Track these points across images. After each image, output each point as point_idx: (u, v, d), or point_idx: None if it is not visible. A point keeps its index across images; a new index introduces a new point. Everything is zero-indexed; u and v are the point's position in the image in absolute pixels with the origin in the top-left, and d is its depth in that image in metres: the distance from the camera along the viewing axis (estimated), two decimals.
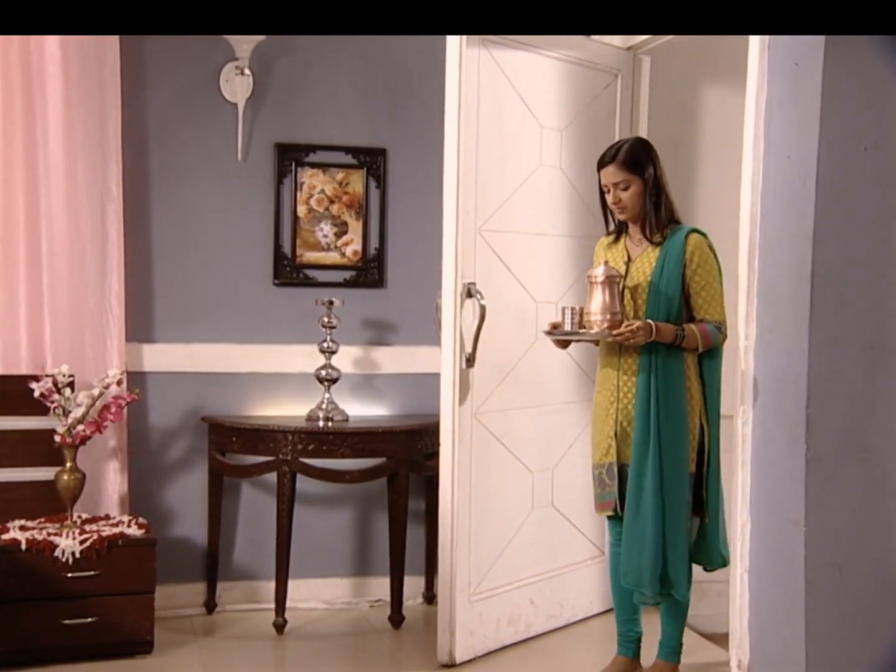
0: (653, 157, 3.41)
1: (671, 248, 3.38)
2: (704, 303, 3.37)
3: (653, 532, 3.32)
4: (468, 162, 3.69)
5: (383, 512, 4.35)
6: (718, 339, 3.38)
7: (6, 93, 4.00)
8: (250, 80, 4.30)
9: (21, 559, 3.69)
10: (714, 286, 3.37)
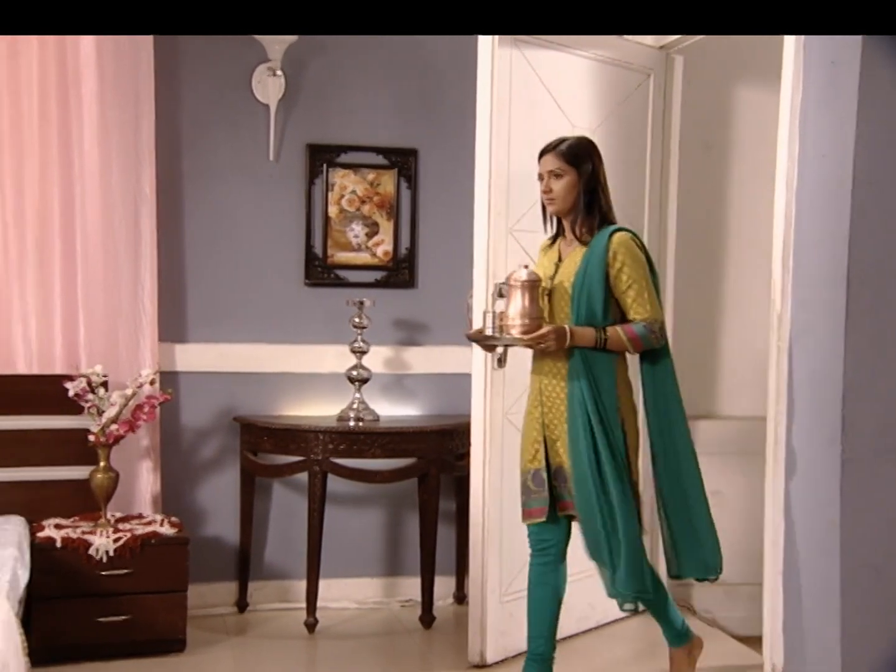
0: (593, 155, 3.26)
1: (595, 248, 3.22)
2: (633, 302, 3.19)
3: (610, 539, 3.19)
4: (499, 162, 3.69)
5: (414, 512, 4.36)
6: (650, 339, 3.19)
7: (42, 94, 4.04)
8: (282, 81, 4.32)
9: (56, 557, 3.73)
10: (641, 284, 3.19)
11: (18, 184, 4.05)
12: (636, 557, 3.18)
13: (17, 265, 4.08)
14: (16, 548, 3.55)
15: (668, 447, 3.28)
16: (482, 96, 3.64)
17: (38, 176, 4.07)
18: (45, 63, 4.04)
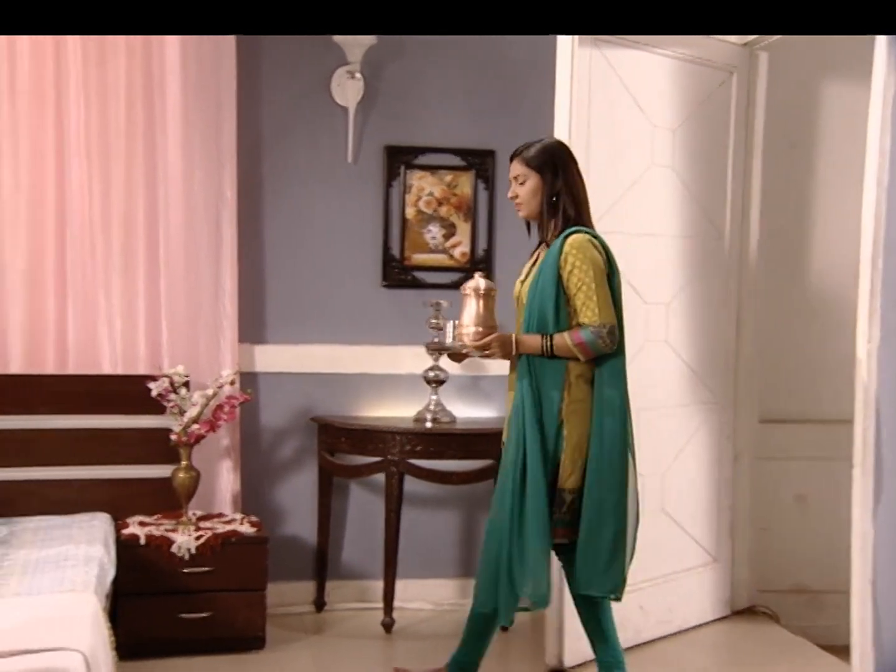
0: (561, 158, 3.19)
1: (550, 252, 3.16)
2: (582, 305, 3.09)
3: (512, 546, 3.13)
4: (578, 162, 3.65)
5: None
6: (598, 345, 3.07)
7: (129, 101, 4.13)
8: (361, 83, 4.35)
9: (140, 554, 3.80)
10: (591, 286, 3.08)
11: (105, 189, 4.14)
12: (536, 567, 3.09)
13: (104, 268, 4.17)
14: (102, 544, 3.63)
15: (598, 455, 3.10)
16: (561, 96, 3.62)
17: (123, 181, 4.15)
18: (131, 71, 4.12)
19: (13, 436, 4.03)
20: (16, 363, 4.12)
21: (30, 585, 3.17)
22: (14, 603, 3.00)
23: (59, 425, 4.07)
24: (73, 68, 4.06)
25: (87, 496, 4.06)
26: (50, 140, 4.08)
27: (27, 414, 4.04)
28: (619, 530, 3.13)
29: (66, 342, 4.17)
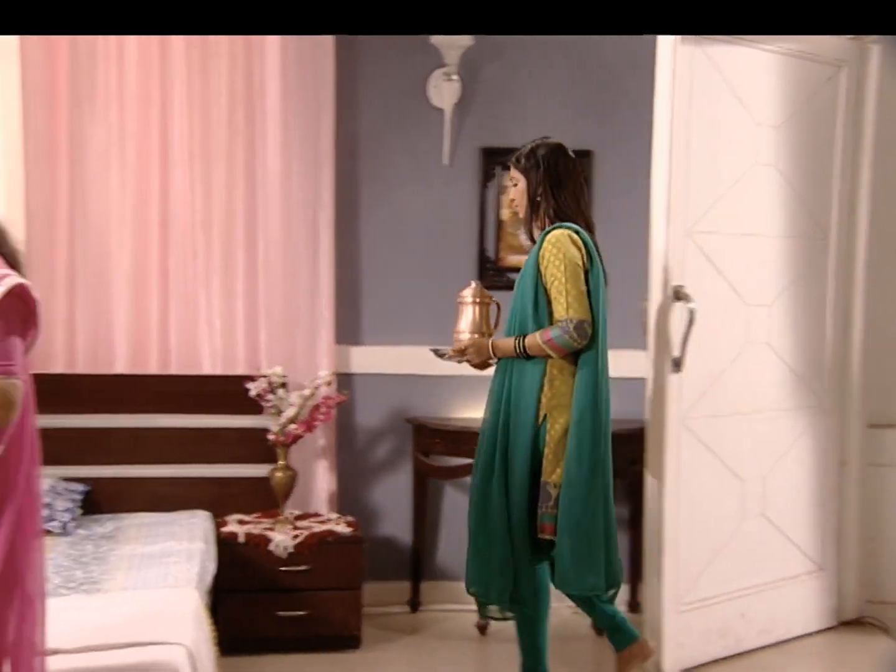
0: (548, 158, 3.23)
1: (533, 250, 3.22)
2: (554, 301, 3.13)
3: (501, 544, 3.18)
4: (678, 162, 3.61)
5: None
6: (566, 340, 3.08)
7: (230, 105, 4.21)
8: (458, 85, 4.35)
9: (239, 552, 3.86)
10: (561, 281, 3.11)
11: (206, 192, 4.23)
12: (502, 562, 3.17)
13: (204, 271, 4.25)
14: (203, 541, 3.70)
15: (575, 450, 3.10)
16: (661, 94, 3.57)
17: (224, 185, 4.23)
18: (233, 76, 4.20)
19: (119, 434, 4.14)
20: (121, 363, 4.23)
21: (135, 580, 3.26)
22: (121, 597, 3.09)
23: (162, 424, 4.17)
24: (178, 75, 4.16)
25: (188, 494, 4.15)
26: (155, 145, 4.18)
27: (132, 413, 4.15)
28: (596, 527, 3.12)
29: (168, 343, 4.27)
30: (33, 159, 4.10)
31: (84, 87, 4.11)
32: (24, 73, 4.06)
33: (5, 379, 2.02)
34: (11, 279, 2.06)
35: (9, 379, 2.03)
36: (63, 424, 3.94)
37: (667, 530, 3.66)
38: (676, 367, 3.64)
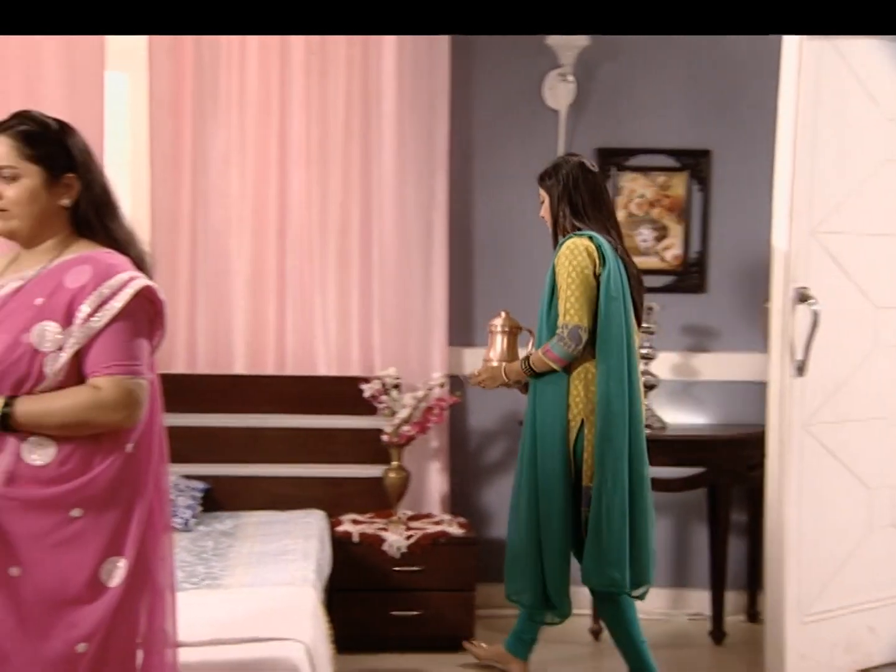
0: (562, 172, 3.40)
1: (552, 263, 3.35)
2: (559, 308, 3.27)
3: (528, 553, 3.31)
4: (803, 160, 3.49)
5: (703, 523, 4.23)
6: (560, 347, 3.22)
7: (347, 110, 4.26)
8: (573, 86, 4.32)
9: (354, 551, 3.90)
10: (562, 287, 3.26)
11: (322, 196, 4.28)
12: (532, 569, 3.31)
13: (320, 272, 4.31)
14: (318, 540, 3.75)
15: (599, 453, 3.21)
16: (785, 90, 3.46)
17: (340, 188, 4.28)
18: (350, 81, 4.26)
19: (237, 433, 4.22)
20: (239, 364, 4.32)
21: (254, 577, 3.32)
22: (241, 593, 3.15)
23: (278, 424, 4.24)
24: (297, 81, 4.23)
25: (303, 493, 4.21)
26: (273, 150, 4.26)
27: (250, 413, 4.23)
28: (622, 527, 3.21)
29: (284, 344, 4.34)
30: (158, 165, 4.22)
31: (207, 96, 4.21)
32: (151, 82, 4.18)
33: (132, 379, 2.07)
34: (139, 281, 2.11)
35: (135, 379, 2.08)
36: (184, 423, 4.02)
37: (788, 538, 3.56)
38: (799, 371, 3.54)
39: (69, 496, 2.02)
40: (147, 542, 2.12)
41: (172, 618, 2.20)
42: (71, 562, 2.02)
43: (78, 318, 2.04)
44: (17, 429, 2.02)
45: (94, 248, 2.15)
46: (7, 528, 2.01)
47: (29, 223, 2.12)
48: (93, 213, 2.17)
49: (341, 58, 4.23)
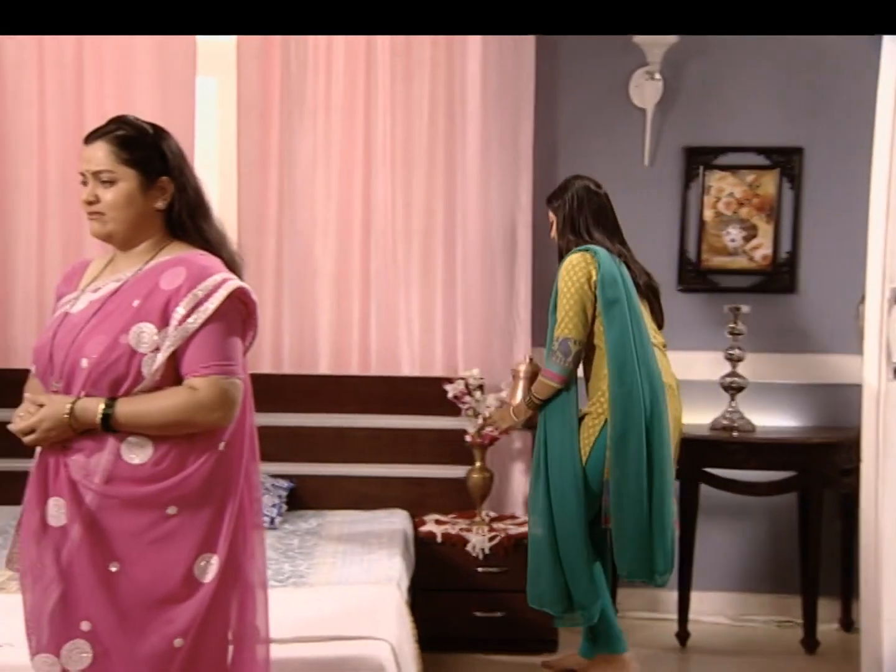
0: (568, 193, 3.57)
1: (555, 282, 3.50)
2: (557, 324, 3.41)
3: (549, 553, 3.41)
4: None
5: (794, 528, 4.14)
6: (554, 362, 3.38)
7: (432, 113, 4.27)
8: (660, 84, 4.26)
9: (437, 551, 3.91)
10: (561, 304, 3.40)
11: (407, 198, 4.30)
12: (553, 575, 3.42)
13: (404, 273, 4.33)
14: (402, 540, 3.77)
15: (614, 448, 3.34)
16: (885, 88, 3.36)
17: (424, 189, 4.30)
18: (435, 84, 4.27)
19: (322, 433, 4.25)
20: (324, 364, 4.36)
21: (339, 575, 3.35)
22: (326, 591, 3.17)
23: (362, 424, 4.26)
24: (382, 84, 4.25)
25: (387, 493, 4.23)
26: (358, 152, 4.29)
27: (334, 413, 4.26)
28: (643, 518, 3.33)
29: (368, 345, 4.36)
30: (246, 168, 4.28)
31: (294, 99, 4.26)
32: (240, 86, 4.25)
33: (227, 379, 2.10)
34: (233, 283, 2.14)
35: (230, 379, 2.11)
36: (269, 423, 4.01)
37: (885, 546, 3.46)
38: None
39: (164, 494, 2.06)
40: (238, 539, 2.15)
41: (264, 614, 2.23)
42: (167, 558, 2.06)
43: (174, 319, 2.08)
44: (118, 429, 2.06)
45: (187, 250, 2.19)
46: (105, 526, 2.06)
47: (125, 226, 2.17)
48: (186, 215, 2.22)
49: (426, 60, 4.24)
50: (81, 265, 2.33)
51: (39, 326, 4.15)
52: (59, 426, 2.06)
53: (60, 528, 2.07)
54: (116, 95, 4.19)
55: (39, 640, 2.08)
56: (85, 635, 2.06)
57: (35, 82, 4.22)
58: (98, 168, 2.14)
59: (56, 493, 2.08)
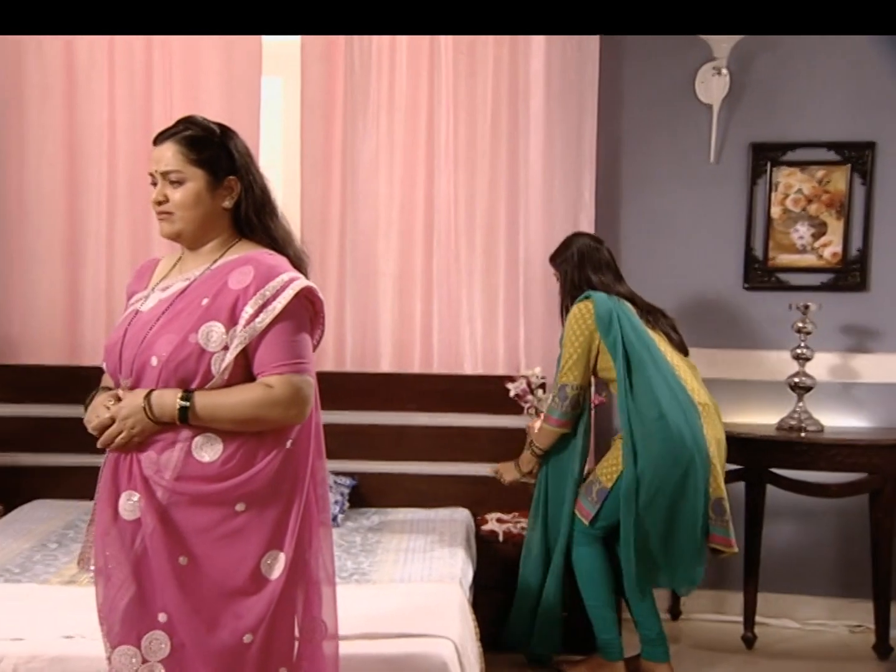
0: (570, 250, 3.70)
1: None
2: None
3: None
4: None
5: (864, 530, 4.04)
6: (554, 408, 3.59)
7: (495, 111, 4.26)
8: (727, 79, 4.19)
9: (498, 550, 3.89)
10: (563, 352, 3.59)
11: (469, 196, 4.29)
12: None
13: (467, 271, 4.32)
14: (463, 538, 3.76)
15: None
16: None
17: (487, 188, 4.28)
18: (498, 81, 4.25)
19: (384, 431, 4.26)
20: (386, 362, 4.37)
21: (402, 573, 3.35)
22: (389, 588, 3.18)
23: (424, 422, 4.26)
24: (445, 82, 4.25)
25: (448, 491, 4.23)
26: (421, 151, 4.29)
27: (396, 411, 4.26)
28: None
29: (430, 343, 4.36)
30: (309, 168, 4.30)
31: (358, 98, 4.27)
32: (304, 86, 4.27)
33: (300, 377, 2.12)
34: (300, 282, 2.15)
35: (303, 376, 2.12)
36: (332, 420, 4.03)
37: None
38: None
39: (234, 491, 2.08)
40: (304, 535, 2.16)
41: (331, 610, 2.24)
42: (235, 554, 2.08)
43: (242, 319, 2.10)
44: (194, 421, 2.08)
45: (255, 249, 2.21)
46: (176, 521, 2.08)
47: (193, 225, 2.20)
48: (253, 214, 2.23)
49: (489, 58, 4.22)
50: (152, 263, 2.36)
51: (108, 325, 4.23)
52: (136, 414, 2.08)
53: (134, 521, 2.10)
54: (183, 96, 4.25)
55: (118, 633, 2.11)
56: (162, 626, 2.09)
57: (105, 84, 4.29)
58: (167, 168, 2.17)
59: (129, 488, 2.11)
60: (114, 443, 2.11)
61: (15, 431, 4.23)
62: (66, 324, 4.37)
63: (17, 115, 4.29)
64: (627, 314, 3.58)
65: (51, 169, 4.31)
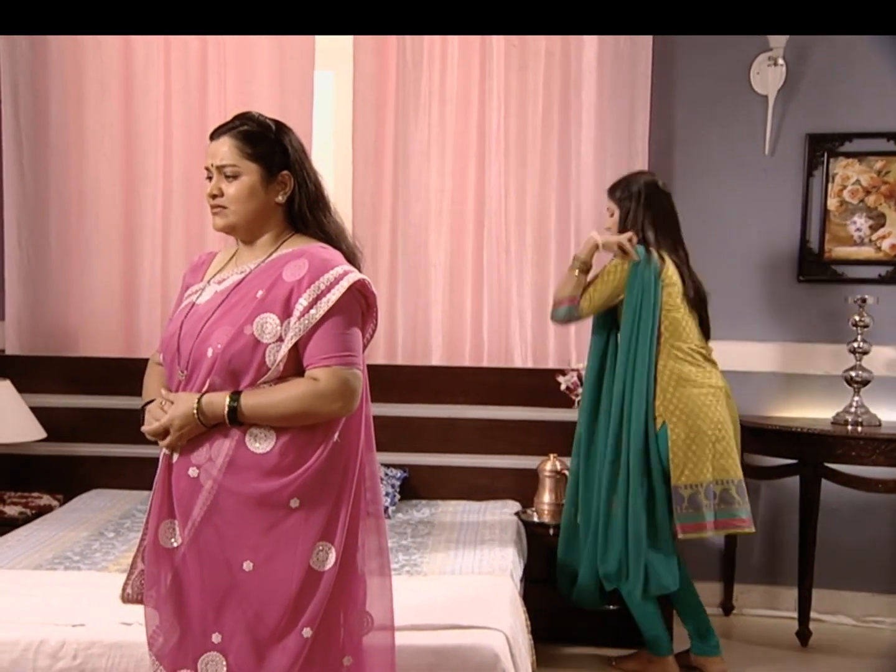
0: (634, 187, 3.53)
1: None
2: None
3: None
4: None
5: None
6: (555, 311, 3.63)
7: (546, 103, 4.25)
8: (783, 70, 4.14)
9: (548, 542, 3.88)
10: (596, 280, 3.57)
11: (520, 189, 4.29)
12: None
13: (517, 265, 4.31)
14: (514, 531, 3.76)
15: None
16: None
17: (538, 180, 4.28)
18: (549, 74, 4.24)
19: (434, 424, 4.28)
20: (437, 355, 4.38)
21: (453, 565, 3.36)
22: (440, 580, 3.19)
23: (474, 415, 4.27)
24: (497, 74, 4.25)
25: (498, 484, 4.23)
26: (472, 144, 4.30)
27: (446, 404, 4.27)
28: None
29: (481, 336, 4.37)
30: (361, 160, 4.33)
31: (409, 92, 4.28)
32: (356, 80, 4.30)
33: (348, 370, 2.12)
34: (353, 276, 2.16)
35: (350, 369, 2.13)
36: (383, 413, 4.06)
37: None
38: None
39: (288, 487, 2.09)
40: (352, 529, 2.17)
41: (381, 601, 2.25)
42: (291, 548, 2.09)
43: (296, 311, 2.11)
44: (243, 421, 2.11)
45: (308, 243, 2.22)
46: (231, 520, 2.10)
47: (246, 219, 2.21)
48: (306, 208, 2.25)
49: (541, 50, 4.22)
50: (208, 257, 2.39)
51: (163, 318, 4.28)
52: (189, 423, 2.12)
53: (176, 547, 2.14)
54: (237, 91, 4.29)
55: (174, 658, 2.13)
56: (216, 647, 2.11)
57: (161, 80, 4.35)
58: (222, 162, 2.19)
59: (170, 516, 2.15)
60: (167, 443, 2.16)
61: (73, 422, 4.31)
62: (122, 316, 4.44)
63: (76, 112, 4.37)
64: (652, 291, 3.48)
65: (108, 164, 4.38)
